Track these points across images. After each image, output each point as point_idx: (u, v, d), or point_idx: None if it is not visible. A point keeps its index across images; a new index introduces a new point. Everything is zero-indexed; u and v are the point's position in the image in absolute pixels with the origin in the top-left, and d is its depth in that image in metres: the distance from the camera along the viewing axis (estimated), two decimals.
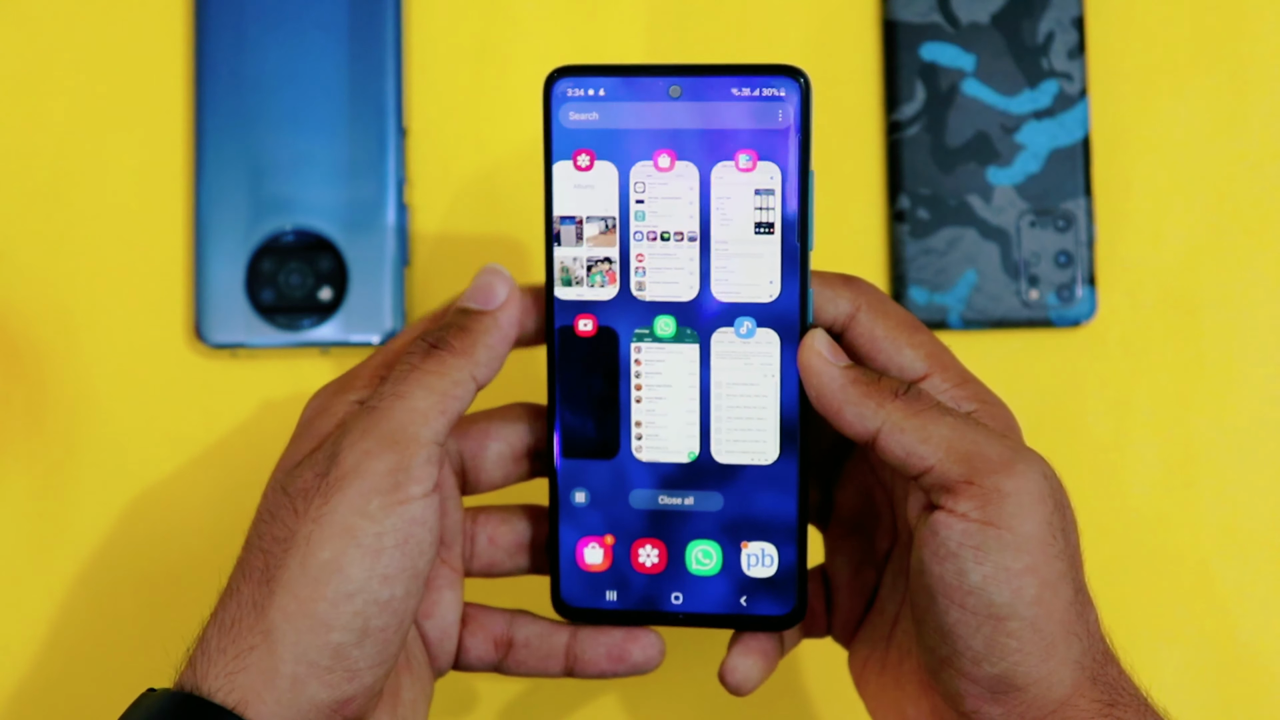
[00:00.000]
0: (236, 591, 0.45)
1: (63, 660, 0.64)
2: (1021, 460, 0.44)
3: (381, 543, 0.44)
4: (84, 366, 0.65)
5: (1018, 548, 0.43)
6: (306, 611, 0.43)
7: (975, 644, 0.44)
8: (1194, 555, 0.64)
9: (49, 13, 0.66)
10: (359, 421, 0.45)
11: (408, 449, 0.44)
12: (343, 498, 0.44)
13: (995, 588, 0.43)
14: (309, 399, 0.49)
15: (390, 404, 0.45)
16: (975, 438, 0.45)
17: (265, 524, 0.45)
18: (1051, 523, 0.44)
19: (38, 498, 0.64)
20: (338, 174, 0.64)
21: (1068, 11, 0.65)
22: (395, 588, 0.44)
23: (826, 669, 0.62)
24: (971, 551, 0.43)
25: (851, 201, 0.66)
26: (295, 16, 0.65)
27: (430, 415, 0.45)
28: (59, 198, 0.66)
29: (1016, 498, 0.44)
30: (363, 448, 0.44)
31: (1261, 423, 0.65)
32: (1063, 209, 0.65)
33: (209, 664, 0.44)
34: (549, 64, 0.66)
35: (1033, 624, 0.43)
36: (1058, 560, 0.44)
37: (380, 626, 0.44)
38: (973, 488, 0.44)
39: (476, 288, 0.48)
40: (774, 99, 0.47)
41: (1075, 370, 0.65)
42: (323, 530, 0.43)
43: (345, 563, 0.43)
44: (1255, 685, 0.64)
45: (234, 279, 0.64)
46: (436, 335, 0.47)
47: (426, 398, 0.45)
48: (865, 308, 0.48)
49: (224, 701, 0.43)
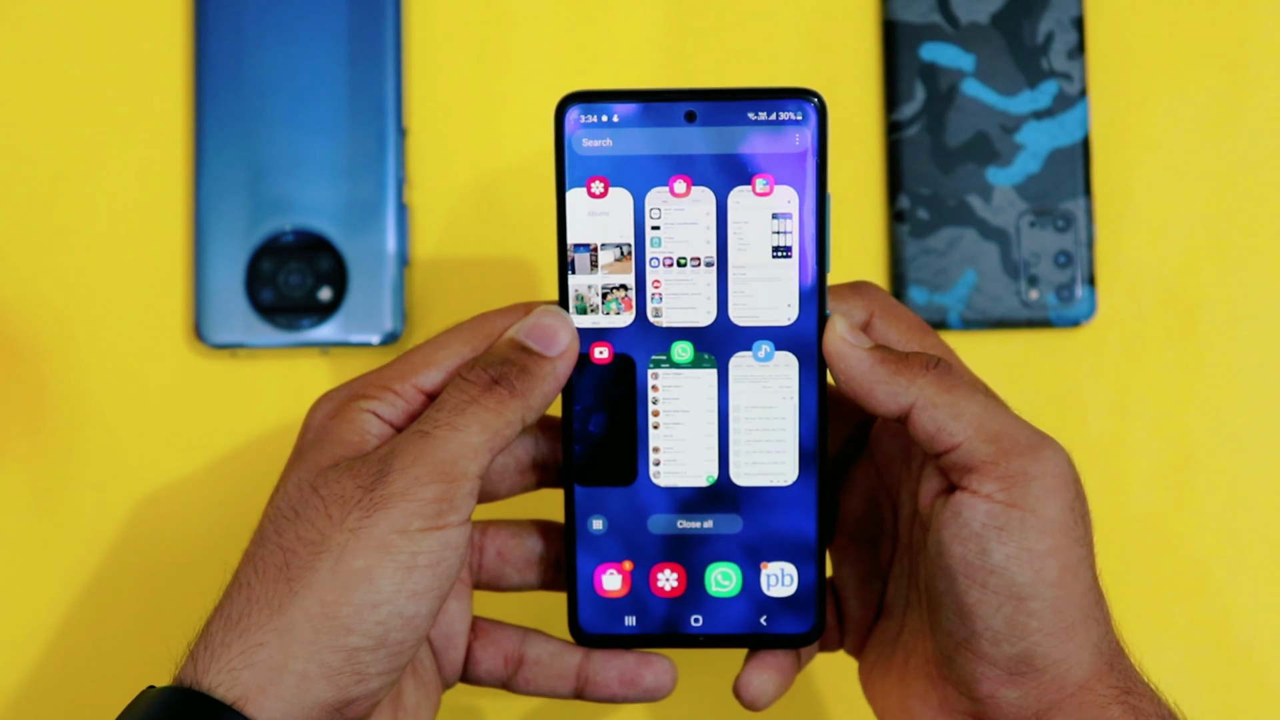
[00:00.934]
0: (246, 586, 0.45)
1: (62, 660, 0.64)
2: (1048, 445, 0.45)
3: (415, 561, 0.44)
4: (84, 366, 0.65)
5: (1040, 530, 0.44)
6: (329, 614, 0.43)
7: (996, 623, 0.44)
8: (1194, 555, 0.64)
9: (49, 13, 0.66)
10: (412, 445, 0.45)
11: (456, 481, 0.45)
12: (385, 515, 0.44)
13: (1018, 567, 0.44)
14: (316, 401, 0.49)
15: (445, 434, 0.45)
16: (1005, 419, 0.46)
17: (288, 521, 0.45)
18: (1074, 508, 0.45)
19: (37, 497, 0.64)
20: (337, 174, 0.64)
21: (1067, 11, 0.65)
22: (420, 605, 0.44)
23: (837, 681, 0.62)
24: (995, 532, 0.44)
25: (851, 201, 0.66)
26: (295, 16, 0.65)
27: (480, 451, 0.45)
28: (59, 198, 0.66)
29: (1042, 481, 0.44)
30: (414, 473, 0.44)
31: (1261, 423, 0.65)
32: (1062, 209, 0.65)
33: (212, 658, 0.44)
34: (549, 63, 0.67)
35: (1054, 605, 0.44)
36: (1078, 545, 0.45)
37: (399, 640, 0.44)
38: (998, 469, 0.45)
39: (539, 329, 0.48)
40: (790, 123, 0.48)
41: (1075, 370, 0.65)
42: (359, 541, 0.44)
43: (377, 574, 0.44)
44: (1255, 685, 0.64)
45: (234, 279, 0.64)
46: (499, 371, 0.46)
47: (480, 434, 0.45)
48: (878, 313, 0.49)
49: (224, 697, 0.43)
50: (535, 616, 0.53)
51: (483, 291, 0.65)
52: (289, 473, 0.47)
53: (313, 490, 0.45)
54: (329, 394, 0.49)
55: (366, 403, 0.47)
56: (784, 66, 0.66)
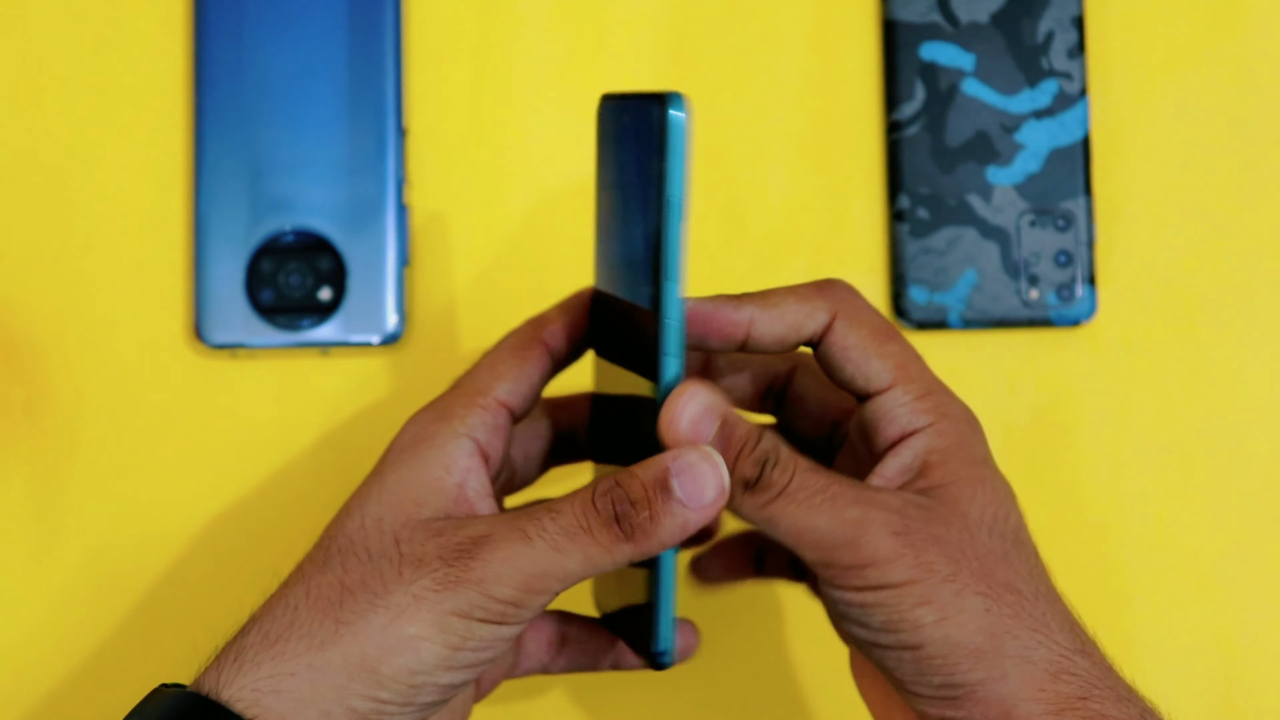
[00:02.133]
0: (294, 610, 0.44)
1: (62, 660, 0.63)
2: (864, 535, 0.44)
3: (465, 644, 0.44)
4: (83, 366, 0.65)
5: (899, 596, 0.44)
6: (369, 666, 0.43)
7: (906, 670, 0.44)
8: (1194, 555, 0.64)
9: (49, 12, 0.66)
10: (510, 543, 0.44)
11: (536, 595, 0.44)
12: (453, 596, 0.44)
13: (896, 629, 0.44)
14: (412, 417, 0.49)
15: (546, 551, 0.44)
16: (819, 525, 0.45)
17: (357, 560, 0.45)
18: (919, 564, 0.44)
19: (37, 497, 0.64)
20: (337, 174, 0.64)
21: (1067, 11, 0.65)
22: (457, 677, 0.44)
23: (826, 669, 0.62)
24: (860, 610, 0.44)
25: (851, 201, 0.66)
26: (295, 16, 0.65)
27: (571, 579, 0.45)
28: (59, 198, 0.66)
29: (875, 567, 0.44)
30: (498, 571, 0.44)
31: (1261, 422, 0.65)
32: (1062, 208, 0.64)
33: (239, 672, 0.43)
34: (549, 63, 0.67)
35: (945, 641, 0.44)
36: (946, 584, 0.44)
37: (427, 702, 0.45)
38: (830, 570, 0.45)
39: (692, 477, 0.45)
40: None
41: (1075, 370, 0.65)
42: (419, 610, 0.43)
43: (424, 647, 0.43)
44: (1255, 685, 0.64)
45: (234, 279, 0.64)
46: (627, 513, 0.44)
47: (580, 566, 0.44)
48: (840, 315, 0.48)
49: (243, 713, 0.42)
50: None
51: (483, 291, 0.65)
52: (367, 495, 0.46)
53: (394, 541, 0.45)
54: (420, 413, 0.49)
55: (460, 425, 0.47)
56: (784, 66, 0.66)
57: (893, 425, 0.47)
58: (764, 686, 0.64)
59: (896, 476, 0.46)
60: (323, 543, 0.46)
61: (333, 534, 0.46)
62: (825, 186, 0.66)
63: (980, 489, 0.46)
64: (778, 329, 0.47)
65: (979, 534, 0.45)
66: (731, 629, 0.63)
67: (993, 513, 0.46)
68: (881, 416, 0.47)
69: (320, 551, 0.46)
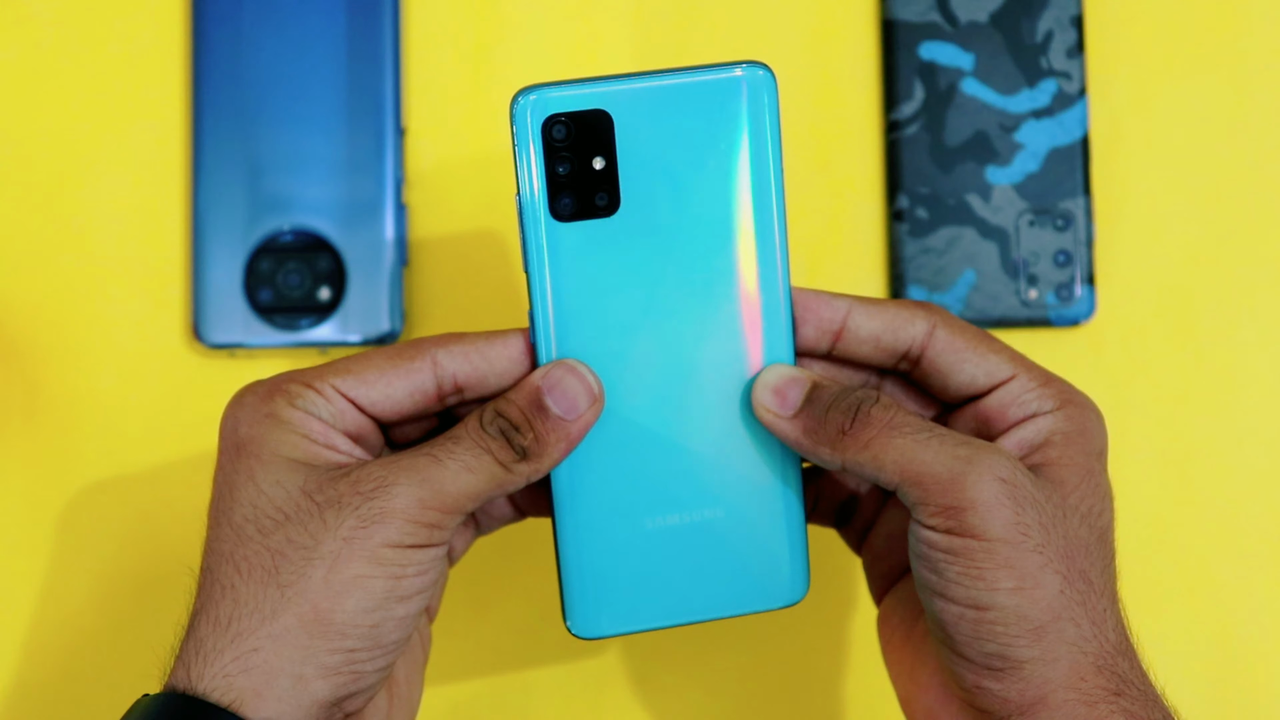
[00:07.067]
0: (232, 588, 0.45)
1: (61, 660, 0.63)
2: (972, 472, 0.45)
3: (405, 571, 0.45)
4: (82, 366, 0.65)
5: (987, 551, 0.45)
6: (323, 619, 0.44)
7: (963, 629, 0.45)
8: (1194, 555, 0.64)
9: (48, 13, 0.66)
10: (420, 469, 0.46)
11: (452, 514, 0.46)
12: (381, 530, 0.45)
13: (971, 583, 0.45)
14: (239, 395, 0.48)
15: (457, 470, 0.46)
16: (924, 458, 0.46)
17: (274, 523, 0.45)
18: (1017, 523, 0.45)
19: (35, 497, 0.64)
20: (336, 173, 0.64)
21: (1066, 10, 0.65)
22: (410, 606, 0.45)
23: (828, 669, 0.62)
24: (943, 555, 0.45)
25: (851, 201, 0.66)
26: (294, 15, 0.65)
27: (481, 498, 0.46)
28: (58, 197, 0.66)
29: (974, 510, 0.45)
30: (418, 495, 0.45)
31: (1261, 422, 0.65)
32: (1061, 208, 0.64)
33: (205, 664, 0.44)
34: (547, 63, 0.67)
35: (1015, 611, 0.45)
36: (1034, 554, 0.45)
37: (393, 639, 0.45)
38: (929, 508, 0.45)
39: (563, 392, 0.47)
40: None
41: (1074, 370, 0.65)
42: (352, 550, 0.44)
43: (369, 583, 0.44)
44: (1254, 685, 0.64)
45: (232, 279, 0.64)
46: (517, 437, 0.46)
47: (486, 484, 0.46)
48: (940, 324, 0.49)
49: (220, 700, 0.43)
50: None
51: (481, 291, 0.65)
52: (250, 471, 0.46)
53: (304, 494, 0.45)
54: (251, 387, 0.48)
55: (300, 400, 0.47)
56: (784, 66, 0.66)
57: (1019, 409, 0.48)
58: (764, 686, 0.64)
59: (1014, 449, 0.48)
60: (222, 521, 0.46)
61: (227, 512, 0.46)
62: (824, 186, 0.66)
63: (1087, 479, 0.47)
64: (875, 324, 0.48)
65: (1073, 518, 0.46)
66: (732, 628, 0.63)
67: (1089, 505, 0.47)
68: (1008, 404, 0.48)
69: (227, 529, 0.46)
